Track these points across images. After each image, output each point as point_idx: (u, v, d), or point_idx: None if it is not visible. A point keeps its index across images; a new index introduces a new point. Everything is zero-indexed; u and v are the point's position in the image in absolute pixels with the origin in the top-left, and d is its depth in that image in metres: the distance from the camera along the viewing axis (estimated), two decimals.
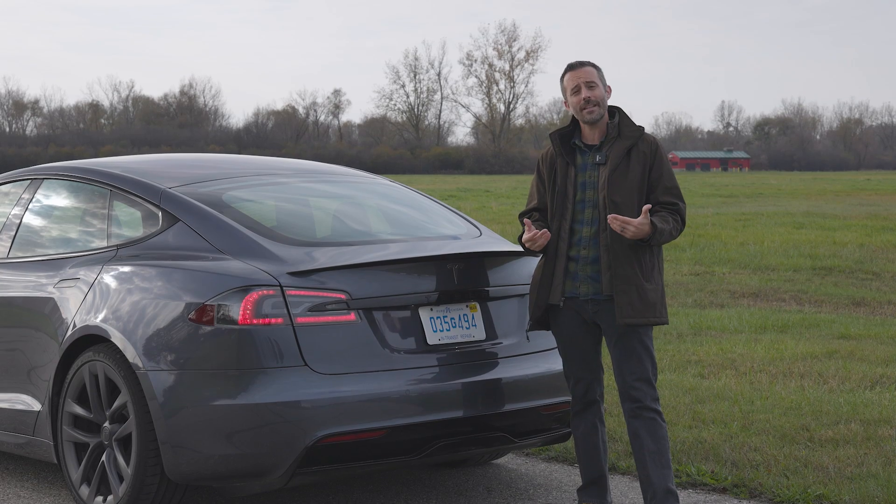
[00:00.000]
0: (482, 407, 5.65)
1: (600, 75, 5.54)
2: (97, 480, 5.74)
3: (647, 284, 5.39)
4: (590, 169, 5.50)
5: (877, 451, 6.72)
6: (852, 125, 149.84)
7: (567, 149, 5.57)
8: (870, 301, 14.29)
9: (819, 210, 33.68)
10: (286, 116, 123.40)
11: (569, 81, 5.54)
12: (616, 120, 5.54)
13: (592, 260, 5.44)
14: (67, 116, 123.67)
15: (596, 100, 5.48)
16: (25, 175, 6.96)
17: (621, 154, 5.45)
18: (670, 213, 5.44)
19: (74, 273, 6.04)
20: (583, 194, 5.49)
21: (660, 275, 5.49)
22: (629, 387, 5.45)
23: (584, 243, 5.46)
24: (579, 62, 5.57)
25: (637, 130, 5.51)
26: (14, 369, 6.27)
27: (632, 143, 5.46)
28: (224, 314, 5.30)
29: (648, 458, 5.42)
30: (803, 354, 10.00)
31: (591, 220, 5.46)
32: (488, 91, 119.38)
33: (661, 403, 5.52)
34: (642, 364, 5.44)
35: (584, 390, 5.62)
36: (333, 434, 5.27)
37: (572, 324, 5.54)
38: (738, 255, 19.05)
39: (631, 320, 5.35)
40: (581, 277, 5.47)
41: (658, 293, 5.44)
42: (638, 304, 5.36)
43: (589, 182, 5.49)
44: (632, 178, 5.42)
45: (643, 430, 5.43)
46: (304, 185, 6.73)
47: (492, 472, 6.68)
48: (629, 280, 5.36)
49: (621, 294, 5.36)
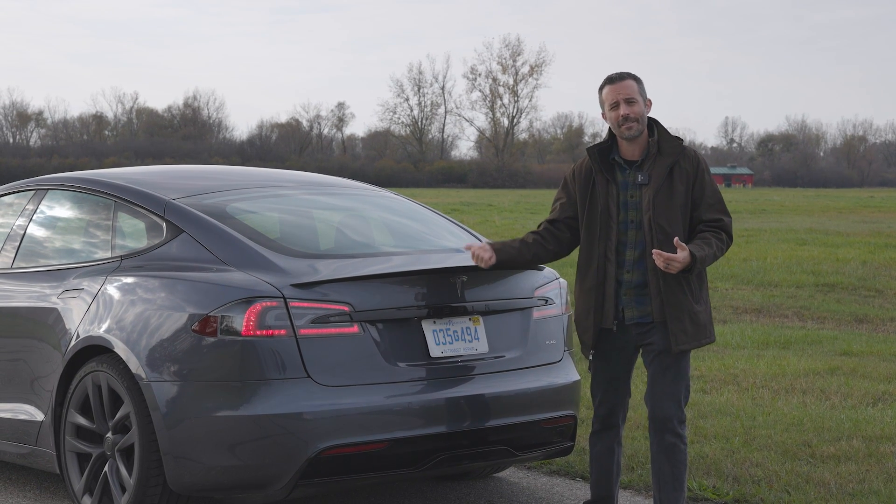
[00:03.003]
0: (484, 420, 5.65)
1: (640, 89, 5.41)
2: (100, 491, 5.75)
3: (698, 307, 5.33)
4: (631, 188, 5.38)
5: (878, 468, 6.72)
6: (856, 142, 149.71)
7: (606, 165, 5.43)
8: (872, 318, 14.28)
9: (822, 227, 33.67)
10: (290, 129, 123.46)
11: (607, 95, 5.40)
12: (656, 136, 5.41)
13: (638, 284, 5.36)
14: (71, 128, 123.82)
15: (635, 116, 5.34)
16: (30, 186, 6.98)
17: (664, 173, 5.33)
18: (714, 231, 5.36)
19: (78, 283, 6.05)
20: (625, 215, 5.38)
21: (707, 294, 5.42)
22: (658, 406, 5.39)
23: (629, 266, 5.37)
24: (619, 75, 5.42)
25: (677, 145, 5.38)
26: (17, 379, 6.28)
27: (673, 161, 5.34)
28: (227, 325, 5.31)
29: (663, 480, 5.42)
30: (805, 371, 9.99)
31: (634, 242, 5.36)
32: (492, 105, 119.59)
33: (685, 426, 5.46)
34: (676, 385, 5.38)
35: (607, 412, 5.58)
36: (335, 446, 5.27)
37: (612, 348, 5.47)
38: (741, 271, 19.04)
39: (685, 346, 5.29)
40: (626, 301, 5.38)
41: (707, 314, 5.38)
42: (691, 329, 5.30)
43: (631, 203, 5.37)
44: (676, 199, 5.31)
45: (663, 452, 5.40)
46: (307, 197, 6.74)
47: (493, 486, 6.68)
48: (681, 306, 5.28)
49: (675, 321, 5.27)
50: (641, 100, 5.38)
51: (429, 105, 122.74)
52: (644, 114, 5.38)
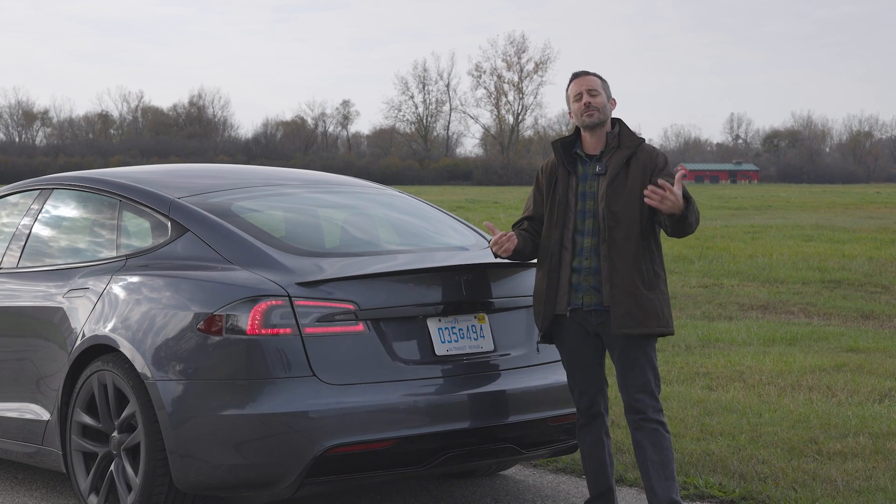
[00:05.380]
0: (490, 418, 5.65)
1: (604, 85, 5.59)
2: (105, 490, 5.75)
3: (649, 293, 5.38)
4: (590, 179, 5.53)
5: (885, 465, 6.71)
6: (862, 138, 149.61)
7: (569, 158, 5.59)
8: (879, 314, 14.27)
9: (828, 223, 33.64)
10: (295, 127, 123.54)
11: (572, 89, 5.58)
12: (616, 130, 5.57)
13: (594, 271, 5.44)
14: (77, 127, 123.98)
15: (597, 105, 5.51)
16: (35, 185, 6.98)
17: (620, 164, 5.46)
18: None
19: (83, 283, 6.06)
20: (583, 204, 5.51)
21: (664, 284, 5.48)
22: (632, 398, 5.45)
23: (586, 254, 5.47)
24: (584, 71, 5.63)
25: (636, 140, 5.53)
26: (23, 379, 6.29)
27: (631, 153, 5.48)
28: (232, 324, 5.31)
29: (652, 469, 5.42)
30: (812, 367, 9.98)
31: (591, 230, 5.47)
32: (497, 102, 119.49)
33: (666, 415, 5.51)
34: (644, 375, 5.43)
35: (589, 403, 5.62)
36: (341, 444, 5.27)
37: (576, 336, 5.54)
38: (747, 268, 19.03)
39: (628, 330, 5.34)
40: (584, 288, 5.46)
41: (661, 303, 5.42)
42: (637, 313, 5.35)
43: (589, 192, 5.51)
44: (631, 188, 5.42)
45: (646, 441, 5.43)
46: (312, 195, 6.74)
47: (499, 484, 6.67)
48: (628, 290, 5.35)
49: (619, 304, 5.35)
50: (604, 94, 5.56)
51: (434, 102, 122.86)
52: (606, 105, 5.55)
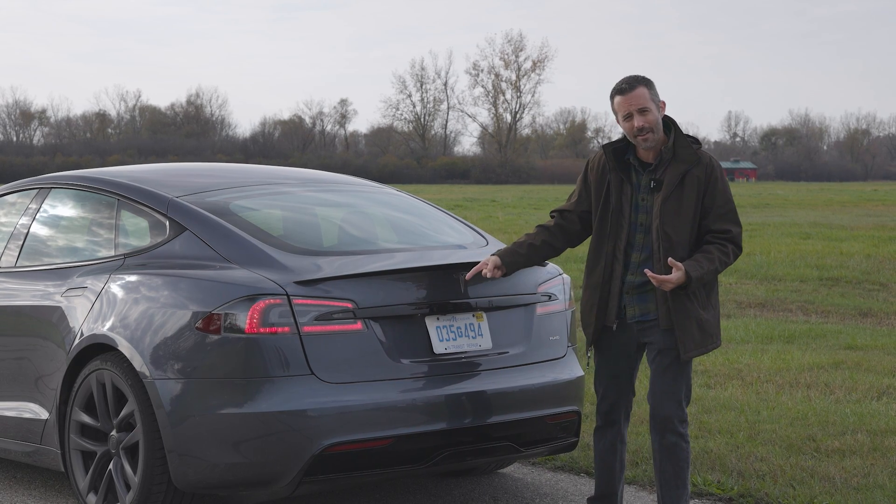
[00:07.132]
0: (488, 416, 5.65)
1: (652, 94, 5.30)
2: (104, 489, 5.75)
3: (705, 314, 5.30)
4: (643, 191, 5.34)
5: (883, 462, 6.72)
6: (859, 136, 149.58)
7: (621, 164, 5.39)
8: (876, 312, 14.28)
9: (826, 221, 33.65)
10: (293, 126, 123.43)
11: (619, 106, 5.31)
12: (671, 140, 5.32)
13: (639, 284, 5.33)
14: (74, 126, 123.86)
15: (650, 126, 5.26)
16: (33, 184, 6.98)
17: (675, 180, 5.26)
18: (720, 243, 5.27)
19: (82, 282, 6.06)
20: (636, 217, 5.35)
21: (716, 299, 5.39)
22: (658, 405, 5.38)
23: (633, 268, 5.35)
24: (629, 84, 5.30)
25: (692, 153, 5.29)
26: (22, 378, 6.29)
27: (687, 168, 5.27)
28: (231, 323, 5.32)
29: (664, 479, 5.42)
30: (810, 365, 9.99)
31: (642, 245, 5.33)
32: (495, 101, 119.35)
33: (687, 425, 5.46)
34: (676, 384, 5.37)
35: (608, 409, 5.57)
36: (340, 443, 5.28)
37: (616, 347, 5.47)
38: (745, 266, 19.04)
39: (692, 354, 5.27)
40: (628, 300, 5.37)
41: (715, 320, 5.35)
42: (698, 336, 5.27)
43: (643, 206, 5.33)
44: (686, 207, 5.25)
45: (665, 451, 5.39)
46: (310, 194, 6.74)
47: (498, 482, 6.68)
48: (688, 313, 5.24)
49: (682, 330, 5.24)
50: (654, 106, 5.29)
51: (431, 101, 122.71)
52: (658, 120, 5.30)
